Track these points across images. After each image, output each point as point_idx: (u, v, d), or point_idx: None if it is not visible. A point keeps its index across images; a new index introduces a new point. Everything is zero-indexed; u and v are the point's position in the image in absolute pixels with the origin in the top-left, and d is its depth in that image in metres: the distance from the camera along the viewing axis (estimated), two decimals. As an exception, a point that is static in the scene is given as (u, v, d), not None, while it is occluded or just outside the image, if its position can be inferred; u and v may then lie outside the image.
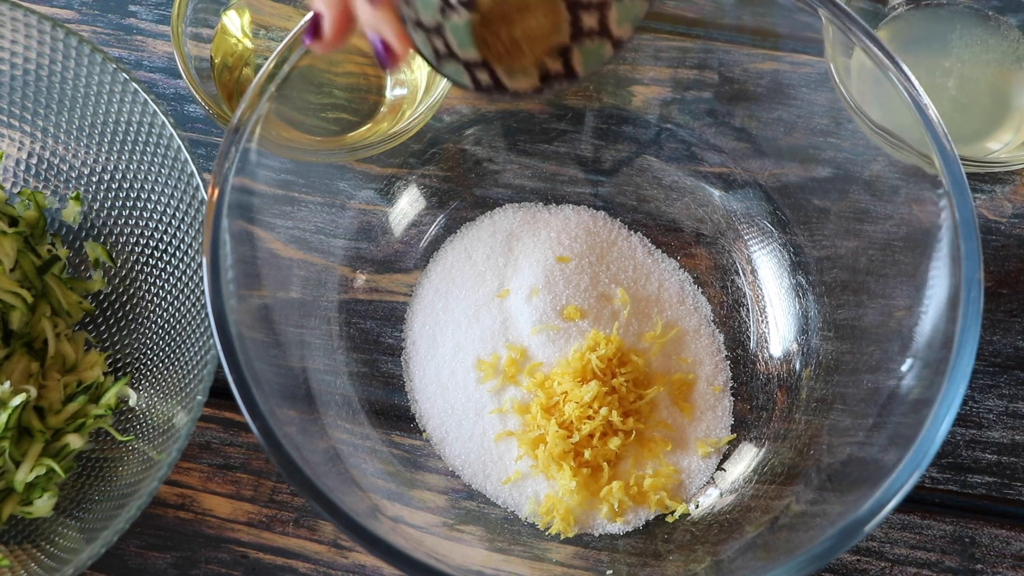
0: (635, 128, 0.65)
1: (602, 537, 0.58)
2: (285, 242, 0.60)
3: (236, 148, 0.52)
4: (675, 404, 0.61)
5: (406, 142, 0.63)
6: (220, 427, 0.62)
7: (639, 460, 0.59)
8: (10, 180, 0.64)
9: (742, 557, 0.53)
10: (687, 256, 0.64)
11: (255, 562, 0.59)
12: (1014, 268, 0.65)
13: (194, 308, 0.58)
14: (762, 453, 0.59)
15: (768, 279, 0.63)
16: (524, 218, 0.64)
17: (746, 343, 0.62)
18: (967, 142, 0.65)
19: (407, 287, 0.64)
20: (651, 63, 0.63)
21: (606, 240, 0.64)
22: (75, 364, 0.61)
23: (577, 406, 0.57)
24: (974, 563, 0.59)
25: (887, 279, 0.57)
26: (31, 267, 0.61)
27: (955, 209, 0.50)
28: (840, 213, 0.60)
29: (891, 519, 0.60)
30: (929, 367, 0.50)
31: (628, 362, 0.60)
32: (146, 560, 0.59)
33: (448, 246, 0.64)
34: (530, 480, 0.59)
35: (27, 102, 0.62)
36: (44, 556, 0.56)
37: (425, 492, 0.59)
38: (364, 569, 0.59)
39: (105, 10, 0.71)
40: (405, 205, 0.65)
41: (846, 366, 0.58)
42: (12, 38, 0.60)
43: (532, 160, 0.66)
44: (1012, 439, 0.61)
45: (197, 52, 0.65)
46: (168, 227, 0.60)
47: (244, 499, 0.61)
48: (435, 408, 0.61)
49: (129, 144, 0.60)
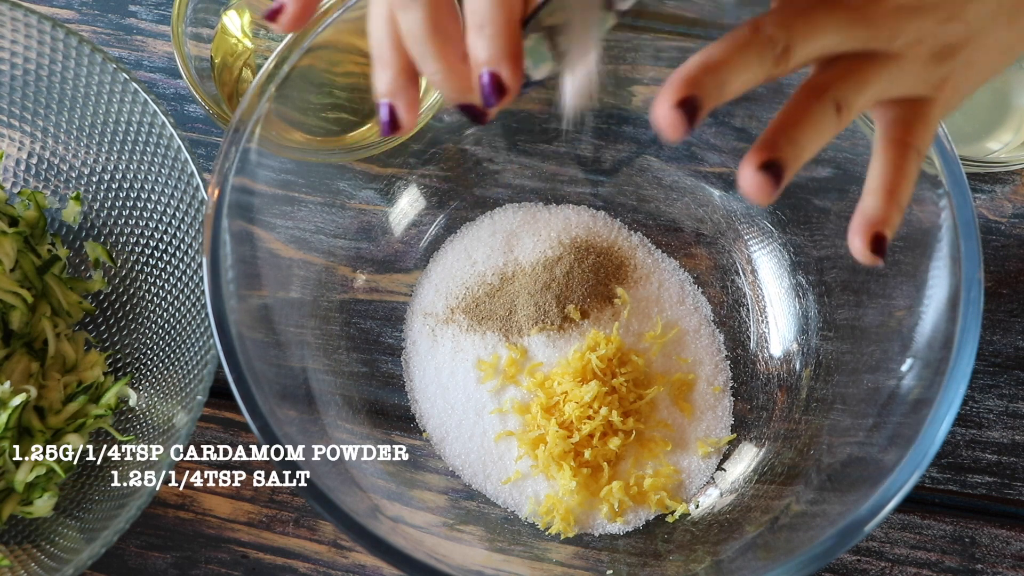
0: (635, 128, 0.65)
1: (602, 537, 0.58)
2: (285, 242, 0.60)
3: (236, 148, 0.52)
4: (675, 404, 0.61)
5: (406, 142, 0.63)
6: (220, 427, 0.62)
7: (639, 460, 0.59)
8: (10, 180, 0.64)
9: (742, 557, 0.53)
10: (687, 256, 0.64)
11: (255, 562, 0.59)
12: (1014, 268, 0.65)
13: (194, 308, 0.58)
14: (762, 453, 0.59)
15: (768, 279, 0.63)
16: (524, 218, 0.64)
17: (746, 343, 0.62)
18: (967, 142, 0.65)
19: (407, 287, 0.64)
20: (651, 63, 0.63)
21: (606, 240, 0.64)
22: (75, 364, 0.61)
23: (577, 406, 0.57)
24: (974, 563, 0.59)
25: (887, 279, 0.57)
26: (31, 267, 0.61)
27: (955, 209, 0.50)
28: (840, 213, 0.60)
29: (891, 519, 0.60)
30: (929, 367, 0.50)
31: (628, 362, 0.60)
32: (146, 560, 0.59)
33: (448, 246, 0.64)
34: (530, 480, 0.59)
35: (27, 102, 0.62)
36: (44, 556, 0.56)
37: (425, 492, 0.59)
38: (364, 569, 0.59)
39: (105, 10, 0.71)
40: (405, 205, 0.65)
41: (846, 366, 0.58)
42: (12, 38, 0.60)
43: (532, 160, 0.66)
44: (1012, 439, 0.61)
45: (197, 52, 0.65)
46: (168, 227, 0.60)
47: (244, 499, 0.61)
48: (435, 408, 0.61)
49: (129, 144, 0.60)
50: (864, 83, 0.40)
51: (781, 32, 0.38)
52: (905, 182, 0.42)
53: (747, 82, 0.38)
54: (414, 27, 0.38)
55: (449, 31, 0.38)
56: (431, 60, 0.39)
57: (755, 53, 0.38)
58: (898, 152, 0.42)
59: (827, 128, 0.40)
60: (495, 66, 0.37)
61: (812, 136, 0.39)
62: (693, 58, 0.38)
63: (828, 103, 0.39)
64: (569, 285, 0.61)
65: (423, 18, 0.38)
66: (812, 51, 0.39)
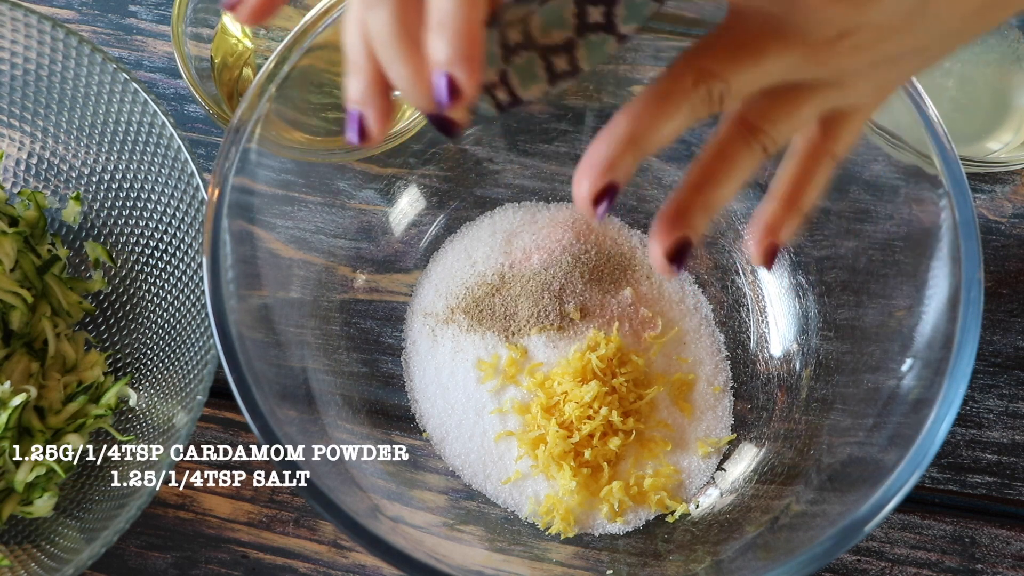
0: (635, 128, 0.65)
1: (602, 537, 0.58)
2: (285, 242, 0.60)
3: (236, 148, 0.52)
4: (675, 404, 0.61)
5: (406, 142, 0.63)
6: (220, 427, 0.62)
7: (639, 460, 0.59)
8: (10, 180, 0.64)
9: (742, 557, 0.53)
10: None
11: (255, 562, 0.59)
12: (1014, 268, 0.65)
13: (194, 308, 0.58)
14: (762, 453, 0.59)
15: (768, 279, 0.63)
16: (524, 218, 0.64)
17: (746, 343, 0.62)
18: (967, 142, 0.65)
19: (407, 287, 0.64)
20: (651, 63, 0.63)
21: (606, 240, 0.64)
22: (75, 364, 0.61)
23: (577, 406, 0.57)
24: (974, 563, 0.59)
25: (887, 279, 0.57)
26: (31, 267, 0.61)
27: (955, 209, 0.50)
28: (840, 213, 0.60)
29: (891, 519, 0.60)
30: (929, 367, 0.50)
31: (628, 362, 0.60)
32: (146, 560, 0.59)
33: (448, 246, 0.64)
34: (530, 480, 0.59)
35: (27, 102, 0.62)
36: (44, 556, 0.56)
37: (425, 492, 0.59)
38: (364, 569, 0.59)
39: (105, 10, 0.71)
40: (405, 205, 0.65)
41: (846, 366, 0.58)
42: (12, 38, 0.60)
43: (532, 160, 0.66)
44: (1012, 439, 0.61)
45: (197, 52, 0.65)
46: (168, 227, 0.60)
47: (244, 499, 0.61)
48: (435, 408, 0.61)
49: (129, 144, 0.60)
50: (799, 117, 0.38)
51: (717, 82, 0.37)
52: (813, 191, 0.40)
53: (674, 134, 0.37)
54: (380, 29, 0.36)
55: (419, 35, 0.35)
56: (396, 64, 0.36)
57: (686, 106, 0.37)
58: (813, 160, 0.40)
59: (749, 173, 0.38)
60: (451, 67, 0.34)
61: (732, 189, 0.38)
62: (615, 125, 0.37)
63: (756, 147, 0.38)
64: (569, 285, 0.61)
65: (389, 19, 0.35)
66: (752, 91, 0.37)
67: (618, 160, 0.37)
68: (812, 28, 0.36)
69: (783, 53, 0.37)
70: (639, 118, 0.38)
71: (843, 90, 0.38)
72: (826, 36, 0.36)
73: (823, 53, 0.37)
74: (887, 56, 0.38)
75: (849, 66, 0.37)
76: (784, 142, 0.39)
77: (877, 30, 0.36)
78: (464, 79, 0.34)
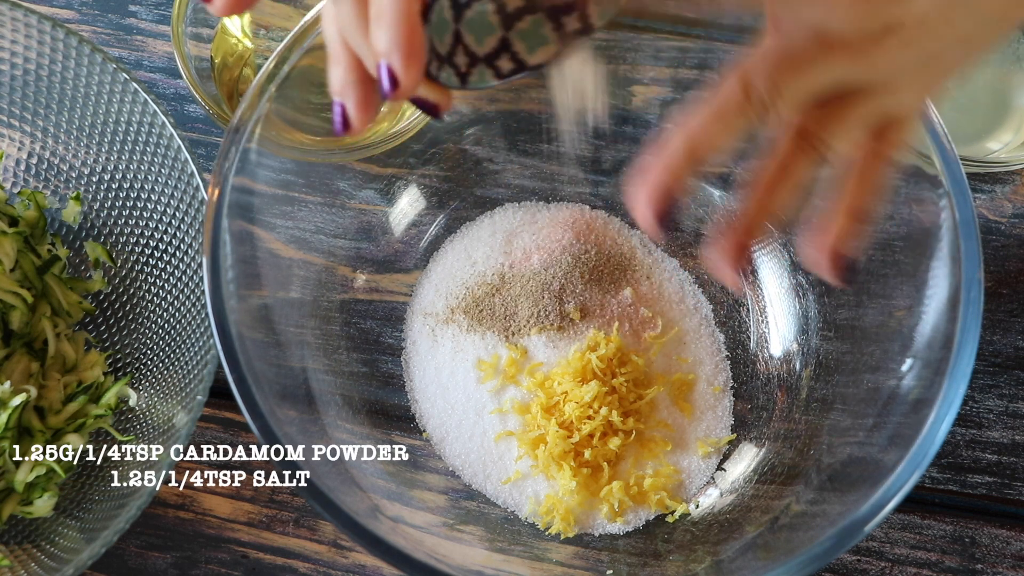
0: (635, 128, 0.65)
1: (602, 537, 0.58)
2: (285, 242, 0.60)
3: (236, 148, 0.52)
4: (675, 404, 0.61)
5: (406, 142, 0.63)
6: (220, 427, 0.62)
7: (639, 460, 0.59)
8: (10, 180, 0.64)
9: (742, 557, 0.53)
10: (687, 256, 0.64)
11: (255, 562, 0.59)
12: (1014, 268, 0.65)
13: (194, 308, 0.58)
14: (762, 453, 0.59)
15: (768, 279, 0.63)
16: (524, 218, 0.64)
17: (746, 343, 0.62)
18: (967, 142, 0.65)
19: (407, 287, 0.64)
20: (651, 63, 0.63)
21: (606, 240, 0.64)
22: (75, 364, 0.61)
23: (577, 406, 0.57)
24: (974, 563, 0.59)
25: (887, 279, 0.57)
26: (31, 267, 0.61)
27: (955, 209, 0.50)
28: (840, 213, 0.60)
29: (891, 519, 0.60)
30: (929, 367, 0.50)
31: (628, 362, 0.60)
32: (146, 560, 0.59)
33: (448, 246, 0.64)
34: (530, 480, 0.59)
35: (27, 102, 0.62)
36: (44, 556, 0.56)
37: (425, 492, 0.59)
38: (364, 569, 0.59)
39: (105, 10, 0.71)
40: (405, 205, 0.65)
41: (846, 366, 0.58)
42: (12, 38, 0.60)
43: (532, 160, 0.66)
44: (1012, 439, 0.61)
45: (197, 52, 0.65)
46: (168, 227, 0.60)
47: (244, 499, 0.61)
48: (435, 408, 0.61)
49: (129, 144, 0.60)
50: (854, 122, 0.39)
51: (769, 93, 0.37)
52: (875, 199, 0.41)
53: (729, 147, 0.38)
54: (347, 18, 0.37)
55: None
56: (367, 52, 0.37)
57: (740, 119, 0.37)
58: (871, 169, 0.41)
59: (809, 183, 0.39)
60: (388, 57, 0.35)
61: (795, 201, 0.39)
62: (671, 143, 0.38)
63: (815, 156, 0.39)
64: (569, 285, 0.61)
65: (354, 8, 0.36)
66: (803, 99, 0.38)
67: (678, 179, 0.38)
68: (852, 29, 0.36)
69: (828, 58, 0.37)
70: (695, 135, 0.38)
71: (892, 92, 0.39)
72: (870, 35, 0.36)
73: (869, 54, 0.37)
74: (931, 52, 0.38)
75: (896, 66, 0.38)
76: (842, 149, 0.39)
77: (919, 25, 0.36)
78: (399, 67, 0.35)
